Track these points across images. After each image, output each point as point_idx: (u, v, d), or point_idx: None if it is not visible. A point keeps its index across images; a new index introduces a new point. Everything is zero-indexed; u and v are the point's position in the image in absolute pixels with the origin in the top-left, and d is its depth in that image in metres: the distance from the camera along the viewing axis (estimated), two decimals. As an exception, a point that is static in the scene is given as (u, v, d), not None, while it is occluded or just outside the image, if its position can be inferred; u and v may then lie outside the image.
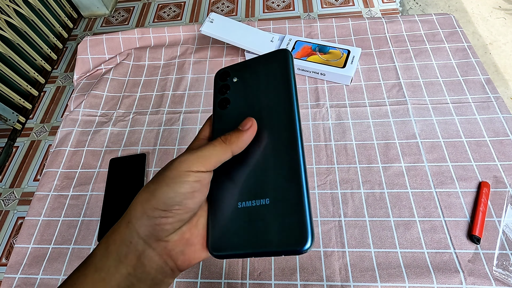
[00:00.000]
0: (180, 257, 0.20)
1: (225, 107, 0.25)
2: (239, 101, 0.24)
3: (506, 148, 0.53)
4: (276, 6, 1.73)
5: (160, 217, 0.19)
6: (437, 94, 0.61)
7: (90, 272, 0.19)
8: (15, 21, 1.46)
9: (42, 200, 0.55)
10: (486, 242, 0.45)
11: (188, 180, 0.20)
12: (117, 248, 0.20)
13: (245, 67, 0.26)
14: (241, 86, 0.25)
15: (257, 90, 0.24)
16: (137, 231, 0.20)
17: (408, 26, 0.72)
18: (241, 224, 0.20)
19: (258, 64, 0.25)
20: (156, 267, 0.20)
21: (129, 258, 0.19)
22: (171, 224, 0.20)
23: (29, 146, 1.39)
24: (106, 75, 0.70)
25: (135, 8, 1.89)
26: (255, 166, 0.22)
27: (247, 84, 0.25)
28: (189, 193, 0.20)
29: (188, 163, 0.20)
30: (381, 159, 0.54)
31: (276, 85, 0.24)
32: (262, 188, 0.21)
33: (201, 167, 0.20)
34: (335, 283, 0.44)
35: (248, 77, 0.25)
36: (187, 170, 0.20)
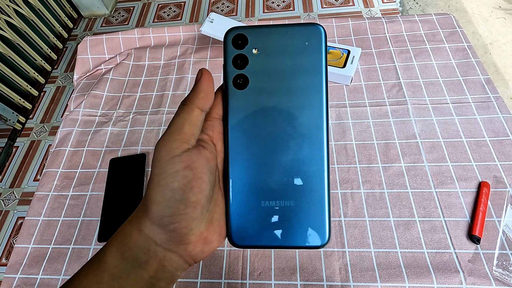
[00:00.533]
0: (199, 255, 0.20)
1: (242, 87, 0.21)
2: (260, 83, 0.21)
3: (506, 148, 0.53)
4: (276, 6, 1.73)
5: (171, 224, 0.18)
6: (437, 94, 0.61)
7: (106, 279, 0.18)
8: (15, 21, 1.46)
9: (42, 200, 0.55)
10: (486, 242, 0.45)
11: (175, 170, 0.18)
12: (134, 256, 0.18)
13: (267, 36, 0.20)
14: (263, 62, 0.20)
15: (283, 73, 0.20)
16: (153, 240, 0.18)
17: (408, 26, 0.72)
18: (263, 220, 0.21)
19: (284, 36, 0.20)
20: (177, 266, 0.19)
21: (150, 264, 0.18)
22: (186, 227, 0.18)
23: (29, 146, 1.39)
24: (106, 75, 0.70)
25: (135, 8, 1.89)
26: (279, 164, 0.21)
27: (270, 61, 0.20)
28: (186, 185, 0.18)
29: (166, 148, 0.18)
30: (381, 159, 0.54)
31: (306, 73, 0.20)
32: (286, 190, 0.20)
33: (182, 145, 0.18)
34: (335, 283, 0.44)
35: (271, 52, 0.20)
36: (170, 157, 0.18)
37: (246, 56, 0.20)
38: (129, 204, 0.53)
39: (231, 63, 0.21)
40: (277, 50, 0.20)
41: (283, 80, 0.20)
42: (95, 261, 0.19)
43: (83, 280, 0.19)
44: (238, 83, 0.21)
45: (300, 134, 0.20)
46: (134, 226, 0.19)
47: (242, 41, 0.20)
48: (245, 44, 0.20)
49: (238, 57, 0.21)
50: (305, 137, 0.20)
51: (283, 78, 0.20)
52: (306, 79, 0.20)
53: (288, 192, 0.20)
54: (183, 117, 0.19)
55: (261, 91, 0.21)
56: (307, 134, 0.20)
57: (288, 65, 0.20)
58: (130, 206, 0.53)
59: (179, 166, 0.18)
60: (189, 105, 0.19)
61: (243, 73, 0.21)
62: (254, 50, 0.20)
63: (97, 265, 0.19)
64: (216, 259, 0.47)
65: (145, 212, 0.19)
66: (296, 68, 0.20)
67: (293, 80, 0.20)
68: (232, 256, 0.47)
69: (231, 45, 0.21)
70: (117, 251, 0.19)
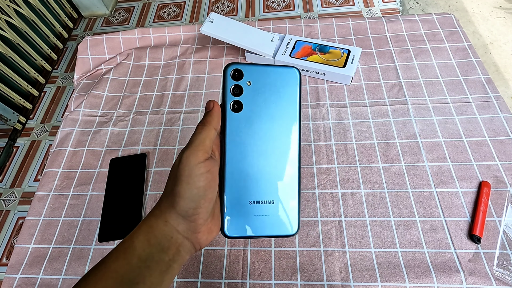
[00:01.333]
0: (204, 242, 0.25)
1: (237, 110, 0.26)
2: (251, 108, 0.26)
3: (506, 148, 0.53)
4: (276, 6, 1.73)
5: (193, 215, 0.23)
6: (437, 93, 0.60)
7: (134, 261, 0.22)
8: (15, 21, 1.46)
9: (43, 200, 0.55)
10: (486, 241, 0.45)
11: (201, 172, 0.23)
12: (159, 242, 0.23)
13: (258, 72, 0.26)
14: (254, 92, 0.26)
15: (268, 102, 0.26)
16: (176, 229, 0.23)
17: (409, 25, 0.72)
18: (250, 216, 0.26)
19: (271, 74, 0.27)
20: (188, 251, 0.24)
21: (170, 249, 0.23)
22: (202, 218, 0.24)
23: (29, 146, 1.39)
24: (106, 75, 0.70)
25: (135, 8, 1.89)
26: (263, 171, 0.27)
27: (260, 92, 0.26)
28: (207, 184, 0.23)
29: (194, 156, 0.23)
30: (382, 158, 0.54)
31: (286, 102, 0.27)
32: (268, 192, 0.27)
33: (205, 155, 0.24)
34: (336, 283, 0.44)
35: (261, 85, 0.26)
36: (197, 163, 0.23)
37: (242, 87, 0.26)
38: (129, 204, 0.53)
39: (229, 91, 0.26)
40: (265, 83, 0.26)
41: (268, 107, 0.26)
42: (123, 247, 0.23)
43: (114, 261, 0.23)
44: (235, 107, 0.26)
45: (279, 148, 0.27)
46: (160, 219, 0.24)
47: (239, 74, 0.26)
48: (241, 77, 0.26)
49: (236, 87, 0.26)
50: (283, 150, 0.27)
51: (269, 105, 0.26)
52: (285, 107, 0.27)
53: (269, 194, 0.27)
54: (205, 134, 0.24)
55: (251, 115, 0.26)
56: (284, 149, 0.27)
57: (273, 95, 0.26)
58: (130, 206, 0.53)
59: (204, 170, 0.23)
60: (208, 125, 0.25)
61: (239, 100, 0.26)
62: (248, 82, 0.26)
63: (126, 249, 0.23)
64: (216, 259, 0.47)
65: (171, 206, 0.23)
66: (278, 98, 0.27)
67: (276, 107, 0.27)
68: (232, 256, 0.47)
69: (230, 77, 0.26)
70: (144, 238, 0.23)
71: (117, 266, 0.22)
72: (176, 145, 0.60)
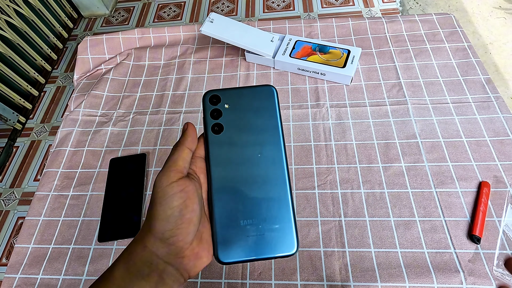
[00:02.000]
0: (192, 269, 0.24)
1: (218, 132, 0.27)
2: (232, 129, 0.27)
3: (506, 148, 0.53)
4: (276, 6, 1.73)
5: (171, 237, 0.22)
6: (437, 94, 0.61)
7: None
8: (15, 21, 1.46)
9: (42, 200, 0.55)
10: (486, 242, 0.45)
11: (174, 192, 0.22)
12: (138, 269, 0.22)
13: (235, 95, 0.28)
14: (233, 114, 0.27)
15: (248, 121, 0.27)
16: (155, 254, 0.22)
17: (408, 26, 0.72)
18: (244, 237, 0.25)
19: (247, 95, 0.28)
20: (174, 279, 0.23)
21: (151, 276, 0.22)
22: (182, 240, 0.22)
23: (29, 146, 1.39)
24: (106, 75, 0.70)
25: (135, 8, 1.89)
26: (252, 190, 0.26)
27: (238, 113, 0.27)
28: (182, 203, 0.22)
29: (166, 177, 0.23)
30: (381, 159, 0.54)
31: (265, 120, 0.27)
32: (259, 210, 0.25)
33: (177, 174, 0.23)
34: (335, 283, 0.44)
35: (238, 107, 0.27)
36: (170, 183, 0.23)
37: (220, 110, 0.27)
38: (129, 204, 0.53)
39: (209, 115, 0.27)
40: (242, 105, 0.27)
41: (249, 126, 0.27)
42: (104, 277, 0.23)
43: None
44: (215, 129, 0.27)
45: (265, 165, 0.26)
46: (138, 244, 0.23)
47: (216, 99, 0.27)
48: (219, 102, 0.27)
49: (214, 111, 0.27)
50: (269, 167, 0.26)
51: (249, 124, 0.27)
52: (265, 124, 0.27)
53: (260, 212, 0.25)
54: (177, 154, 0.24)
55: (232, 135, 0.27)
56: (270, 165, 0.26)
57: (251, 114, 0.27)
58: (130, 206, 0.53)
59: (177, 189, 0.22)
60: (180, 145, 0.25)
61: (219, 122, 0.27)
62: (226, 105, 0.27)
63: (106, 280, 0.22)
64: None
65: (149, 230, 0.23)
66: (258, 116, 0.27)
67: (256, 125, 0.27)
68: (232, 256, 0.47)
69: (208, 102, 0.27)
70: (123, 266, 0.22)
71: None
72: (176, 145, 0.60)
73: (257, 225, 0.25)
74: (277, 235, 0.25)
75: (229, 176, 0.26)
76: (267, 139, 0.27)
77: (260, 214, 0.25)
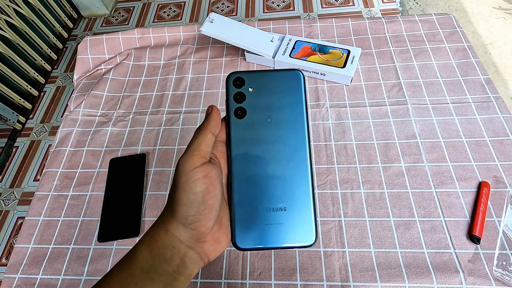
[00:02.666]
0: (212, 253, 0.24)
1: (241, 117, 0.26)
2: (255, 114, 0.26)
3: (506, 148, 0.53)
4: (276, 6, 1.73)
5: (193, 222, 0.22)
6: (437, 94, 0.61)
7: (137, 272, 0.22)
8: (15, 21, 1.46)
9: (42, 200, 0.55)
10: (486, 242, 0.45)
11: (198, 177, 0.22)
12: (161, 252, 0.22)
13: (260, 78, 0.27)
14: (257, 98, 0.26)
15: (272, 106, 0.26)
16: (178, 238, 0.23)
17: (408, 26, 0.72)
18: (263, 225, 0.25)
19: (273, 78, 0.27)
20: (194, 262, 0.23)
21: (173, 259, 0.22)
22: (204, 225, 0.23)
23: (29, 146, 1.39)
24: (106, 75, 0.70)
25: (135, 8, 1.89)
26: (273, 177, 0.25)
27: (263, 97, 0.26)
28: (205, 189, 0.22)
29: (190, 161, 0.23)
30: (381, 159, 0.54)
31: (291, 105, 0.26)
32: (279, 198, 0.25)
33: (201, 159, 0.23)
34: (335, 283, 0.44)
35: (263, 90, 0.26)
36: (193, 168, 0.22)
37: (244, 94, 0.26)
38: (129, 204, 0.53)
39: (232, 98, 0.26)
40: (267, 89, 0.26)
41: (273, 111, 0.26)
42: (127, 258, 0.23)
43: (118, 273, 0.23)
44: (238, 114, 0.26)
45: (288, 152, 0.26)
46: (161, 228, 0.23)
47: (240, 82, 0.26)
48: (243, 84, 0.26)
49: (238, 94, 0.26)
50: (291, 154, 0.26)
51: (273, 109, 0.26)
52: (290, 110, 0.26)
53: (280, 200, 0.25)
54: (201, 138, 0.24)
55: (255, 120, 0.26)
56: (293, 153, 0.26)
57: (276, 99, 0.26)
58: (130, 206, 0.53)
59: (200, 175, 0.22)
60: (204, 130, 0.24)
61: (242, 106, 0.26)
62: (250, 88, 0.26)
63: (129, 261, 0.23)
64: (216, 259, 0.47)
65: (171, 214, 0.23)
66: (282, 102, 0.26)
67: (280, 111, 0.26)
68: (232, 256, 0.47)
69: (232, 85, 0.26)
70: (146, 248, 0.23)
71: (121, 278, 0.22)
72: (176, 145, 0.60)
73: (276, 213, 0.25)
74: (296, 225, 0.25)
75: (250, 162, 0.25)
76: (291, 126, 0.26)
77: (280, 202, 0.25)
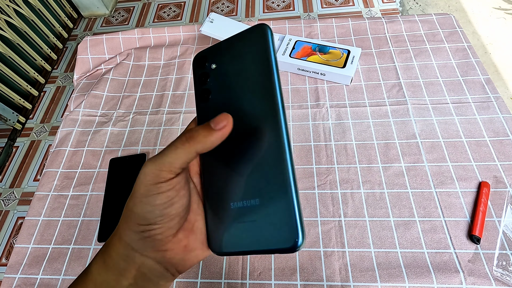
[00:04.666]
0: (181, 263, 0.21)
1: (206, 99, 0.22)
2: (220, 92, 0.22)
3: (506, 148, 0.53)
4: (276, 6, 1.73)
5: (146, 231, 0.19)
6: (437, 94, 0.61)
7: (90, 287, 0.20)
8: (15, 21, 1.46)
9: (42, 200, 0.55)
10: (486, 242, 0.45)
11: (160, 191, 0.19)
12: (115, 263, 0.20)
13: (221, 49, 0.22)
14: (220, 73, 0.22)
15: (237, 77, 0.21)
16: (130, 246, 0.20)
17: (408, 26, 0.72)
18: (235, 224, 0.20)
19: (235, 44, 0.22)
20: (157, 274, 0.20)
21: (128, 271, 0.20)
22: (161, 234, 0.19)
23: (29, 146, 1.39)
24: (106, 75, 0.70)
25: (135, 8, 1.89)
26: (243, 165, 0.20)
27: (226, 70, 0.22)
28: (166, 202, 0.19)
29: (154, 175, 0.19)
30: (381, 159, 0.54)
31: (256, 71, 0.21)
32: (250, 189, 0.20)
33: (168, 175, 0.19)
34: (335, 283, 0.44)
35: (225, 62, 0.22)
36: (156, 183, 0.19)
37: (207, 73, 0.23)
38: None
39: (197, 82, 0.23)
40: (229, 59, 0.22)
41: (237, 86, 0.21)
42: (84, 272, 0.21)
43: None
44: (204, 97, 0.22)
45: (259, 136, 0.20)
46: (115, 236, 0.21)
47: (203, 61, 0.23)
48: (206, 62, 0.23)
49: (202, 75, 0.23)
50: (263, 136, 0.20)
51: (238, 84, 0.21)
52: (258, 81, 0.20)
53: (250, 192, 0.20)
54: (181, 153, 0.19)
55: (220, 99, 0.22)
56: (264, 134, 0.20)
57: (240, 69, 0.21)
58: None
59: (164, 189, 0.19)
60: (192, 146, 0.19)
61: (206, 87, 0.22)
62: (212, 65, 0.22)
63: (85, 275, 0.21)
64: (216, 259, 0.47)
65: (125, 222, 0.20)
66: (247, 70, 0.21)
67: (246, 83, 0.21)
68: (232, 257, 0.47)
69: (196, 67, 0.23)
70: (101, 260, 0.20)
71: None
72: (176, 145, 0.60)
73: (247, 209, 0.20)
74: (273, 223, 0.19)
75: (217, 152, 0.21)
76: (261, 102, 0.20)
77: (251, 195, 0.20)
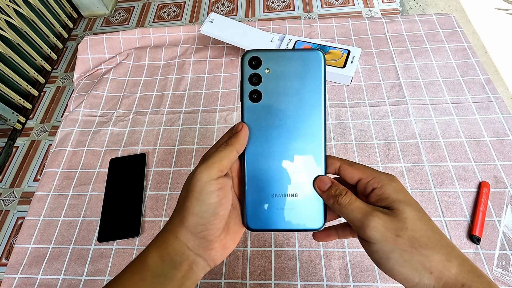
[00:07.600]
0: (219, 258, 0.25)
1: (256, 100, 0.25)
2: (272, 96, 0.25)
3: (506, 148, 0.53)
4: (276, 6, 1.73)
5: (202, 231, 0.23)
6: (437, 94, 0.61)
7: (148, 277, 0.23)
8: (15, 21, 1.46)
9: (42, 200, 0.55)
10: (486, 242, 0.45)
11: (213, 189, 0.23)
12: (171, 258, 0.23)
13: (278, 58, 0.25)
14: (273, 80, 0.25)
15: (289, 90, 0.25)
16: (187, 245, 0.23)
17: (408, 26, 0.72)
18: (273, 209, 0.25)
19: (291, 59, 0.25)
20: (202, 269, 0.24)
21: (183, 265, 0.23)
22: (212, 234, 0.23)
23: (29, 146, 1.39)
24: (106, 75, 0.70)
25: (135, 8, 1.89)
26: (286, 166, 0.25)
27: (280, 80, 0.25)
28: (218, 201, 0.23)
29: (207, 173, 0.23)
30: (381, 159, 0.54)
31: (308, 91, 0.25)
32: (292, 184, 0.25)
33: (218, 173, 0.23)
34: (335, 283, 0.44)
35: (280, 72, 0.25)
36: (209, 180, 0.23)
37: (260, 75, 0.25)
38: (129, 204, 0.53)
39: (247, 80, 0.25)
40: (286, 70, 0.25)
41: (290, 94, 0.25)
42: (138, 262, 0.24)
43: (129, 277, 0.23)
44: (253, 97, 0.25)
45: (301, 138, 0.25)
46: (171, 234, 0.24)
47: (257, 62, 0.25)
48: (259, 65, 0.25)
49: (254, 76, 0.25)
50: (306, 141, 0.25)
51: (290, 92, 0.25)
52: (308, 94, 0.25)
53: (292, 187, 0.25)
54: (225, 153, 0.24)
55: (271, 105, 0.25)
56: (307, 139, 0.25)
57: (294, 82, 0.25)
58: (130, 206, 0.53)
59: (216, 187, 0.23)
60: (230, 146, 0.24)
61: (257, 89, 0.25)
62: (266, 69, 0.25)
63: (141, 265, 0.24)
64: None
65: (181, 222, 0.23)
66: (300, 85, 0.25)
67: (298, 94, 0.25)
68: (232, 256, 0.47)
69: (247, 65, 0.25)
70: (157, 254, 0.24)
71: (133, 282, 0.23)
72: (175, 145, 0.60)
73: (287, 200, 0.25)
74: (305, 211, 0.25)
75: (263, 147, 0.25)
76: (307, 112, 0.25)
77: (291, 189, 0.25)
